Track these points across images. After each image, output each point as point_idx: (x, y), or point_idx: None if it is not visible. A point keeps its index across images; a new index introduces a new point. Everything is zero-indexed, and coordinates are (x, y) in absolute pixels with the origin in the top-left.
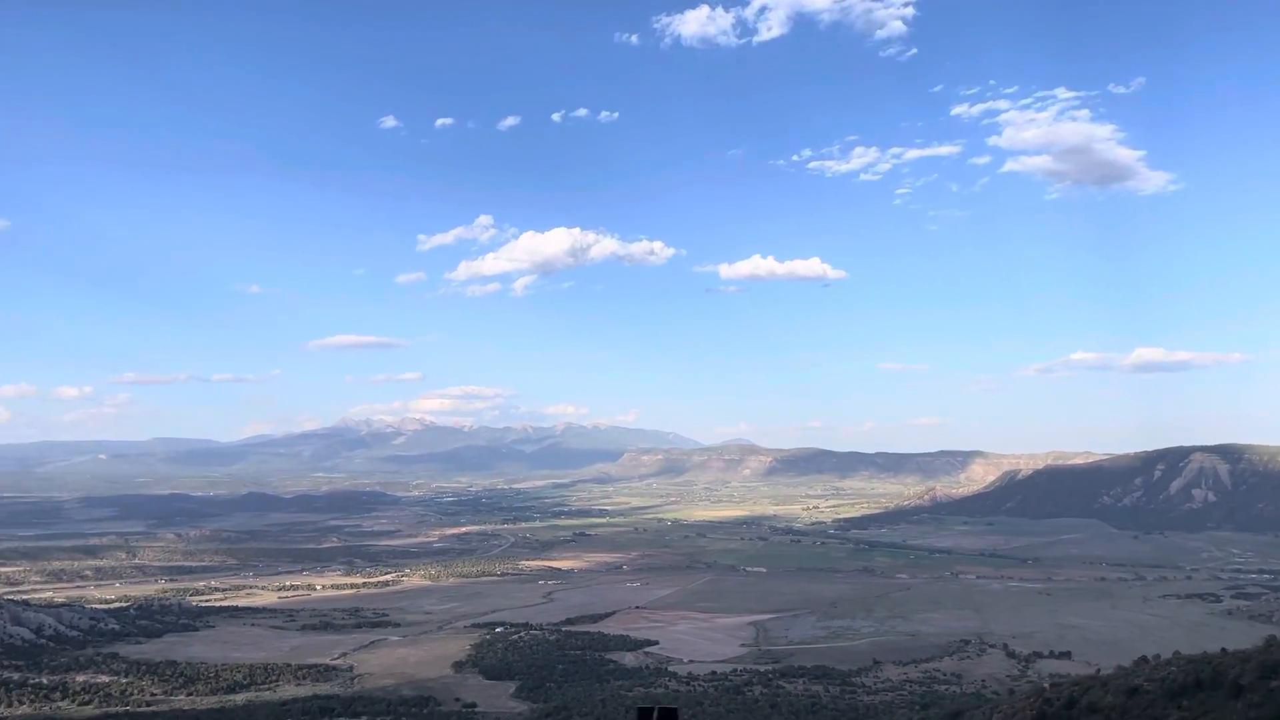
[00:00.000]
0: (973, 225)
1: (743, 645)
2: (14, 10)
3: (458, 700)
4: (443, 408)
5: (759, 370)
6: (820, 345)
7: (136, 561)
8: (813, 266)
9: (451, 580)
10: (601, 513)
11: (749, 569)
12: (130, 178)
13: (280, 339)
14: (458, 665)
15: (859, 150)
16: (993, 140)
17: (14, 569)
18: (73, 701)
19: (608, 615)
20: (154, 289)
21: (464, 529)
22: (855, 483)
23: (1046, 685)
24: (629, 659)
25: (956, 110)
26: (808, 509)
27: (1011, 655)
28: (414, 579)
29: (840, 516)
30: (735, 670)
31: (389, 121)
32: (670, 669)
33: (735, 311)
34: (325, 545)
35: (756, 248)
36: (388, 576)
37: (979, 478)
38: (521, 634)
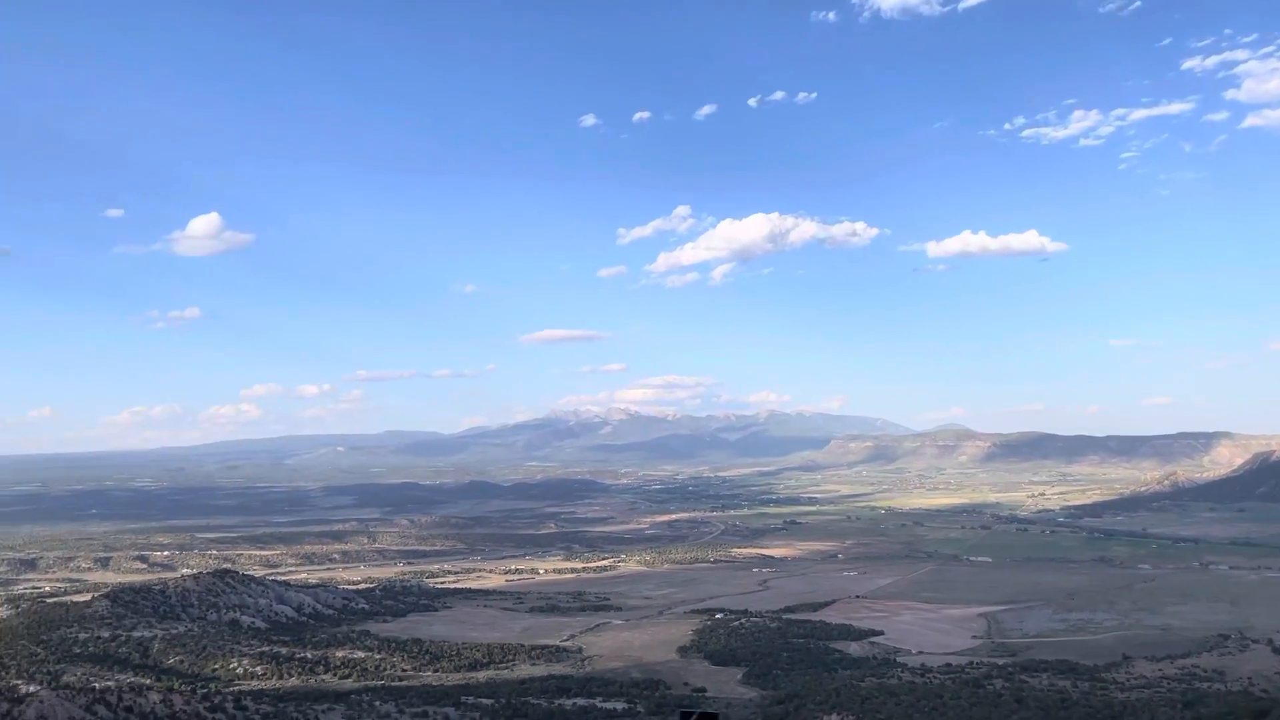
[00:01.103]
0: (1210, 187)
1: (974, 637)
2: (261, 28)
3: (686, 684)
4: (646, 397)
5: (972, 352)
6: (1039, 323)
7: (377, 546)
8: (1029, 240)
9: (666, 566)
10: (810, 500)
11: (973, 559)
12: (357, 189)
13: (494, 335)
14: (682, 650)
15: (1078, 114)
16: (1230, 94)
17: (272, 552)
18: (334, 675)
19: (827, 604)
20: (381, 292)
21: (673, 516)
22: (1083, 468)
23: None
24: (854, 648)
25: (1188, 64)
26: (1032, 496)
27: (1278, 651)
28: (630, 564)
29: (1069, 504)
30: (971, 663)
31: (589, 120)
32: (899, 659)
33: (945, 291)
34: (543, 531)
35: (966, 223)
36: (605, 561)
37: (1225, 460)
38: (742, 621)
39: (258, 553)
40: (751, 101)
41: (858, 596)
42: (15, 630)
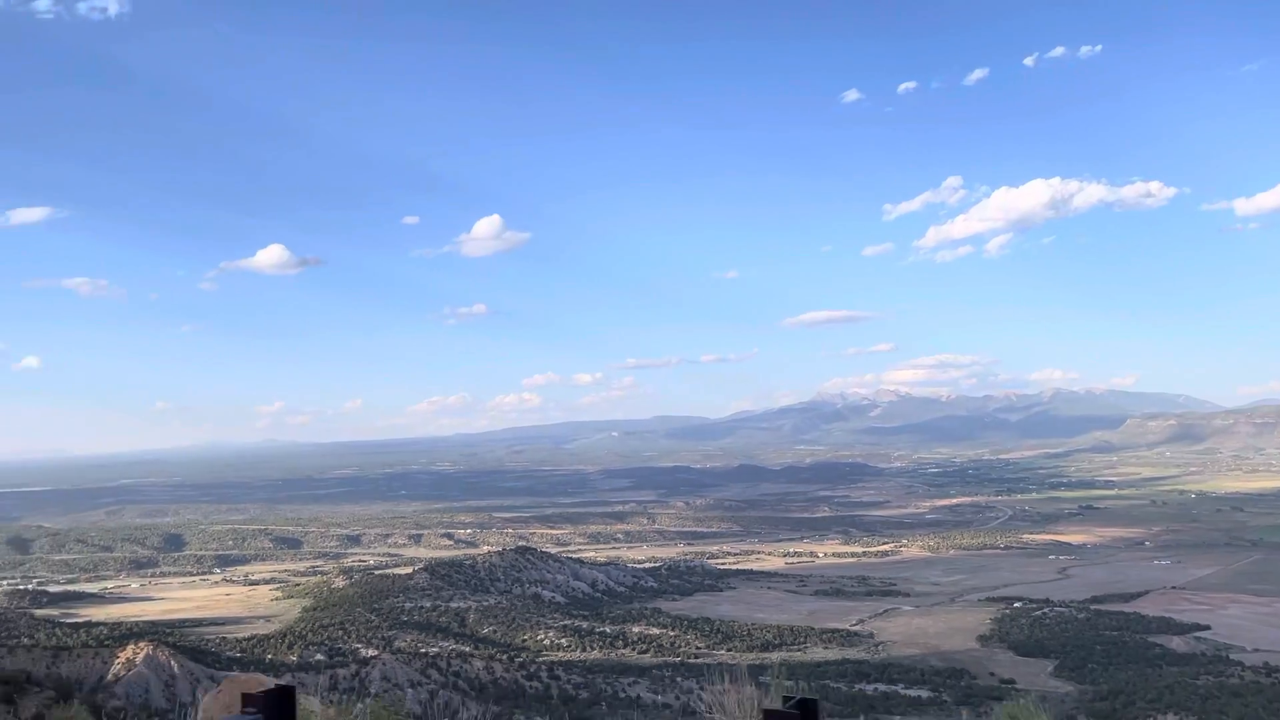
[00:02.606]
0: None
1: None
2: (531, 35)
3: (992, 675)
4: (916, 378)
5: None
6: None
7: (656, 527)
8: None
9: (952, 552)
10: (1107, 484)
11: None
12: (621, 185)
13: (757, 319)
14: (982, 639)
15: None
16: None
17: (561, 531)
18: (633, 649)
19: (1139, 595)
20: (647, 282)
21: (954, 500)
22: None
23: None
24: (1177, 643)
25: None
26: None
27: None
28: (912, 549)
29: None
30: None
31: (851, 95)
32: (1231, 656)
33: (1258, 252)
34: (818, 515)
35: None
36: (885, 546)
37: None
38: (1044, 610)
39: (548, 531)
40: (1027, 61)
41: (1174, 587)
42: (352, 599)
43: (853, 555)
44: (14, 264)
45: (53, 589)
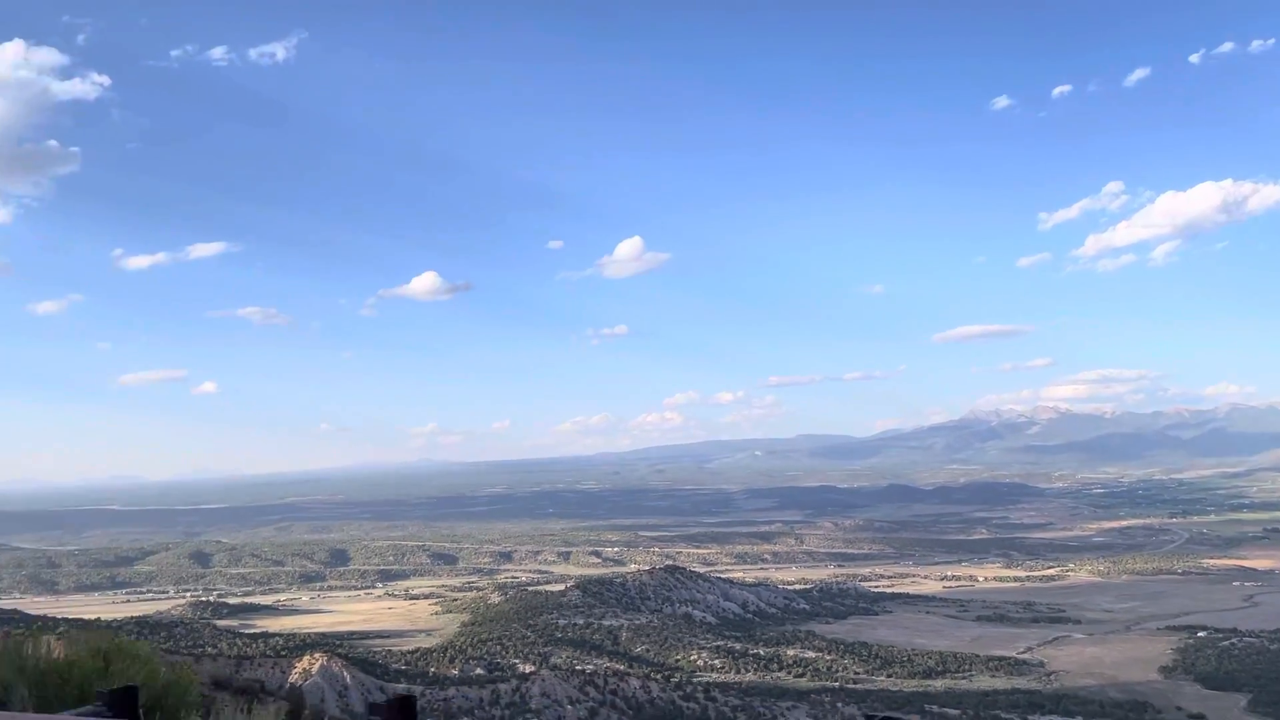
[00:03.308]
0: None
1: None
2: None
3: (1179, 709)
4: (1076, 394)
5: None
6: None
7: (804, 548)
8: None
9: (1124, 577)
10: None
11: None
12: (760, 202)
13: (905, 335)
14: (1165, 670)
15: None
16: None
17: (707, 551)
18: (788, 673)
19: None
20: (789, 299)
21: (1123, 522)
22: None
23: None
24: None
25: None
26: None
27: None
28: (1080, 574)
29: None
30: None
31: (1001, 102)
32: None
33: None
34: (975, 537)
35: None
36: (1050, 570)
37: None
38: (1232, 640)
39: (694, 551)
40: (1193, 58)
41: None
42: (508, 615)
43: (1015, 579)
44: (195, 296)
45: (231, 601)
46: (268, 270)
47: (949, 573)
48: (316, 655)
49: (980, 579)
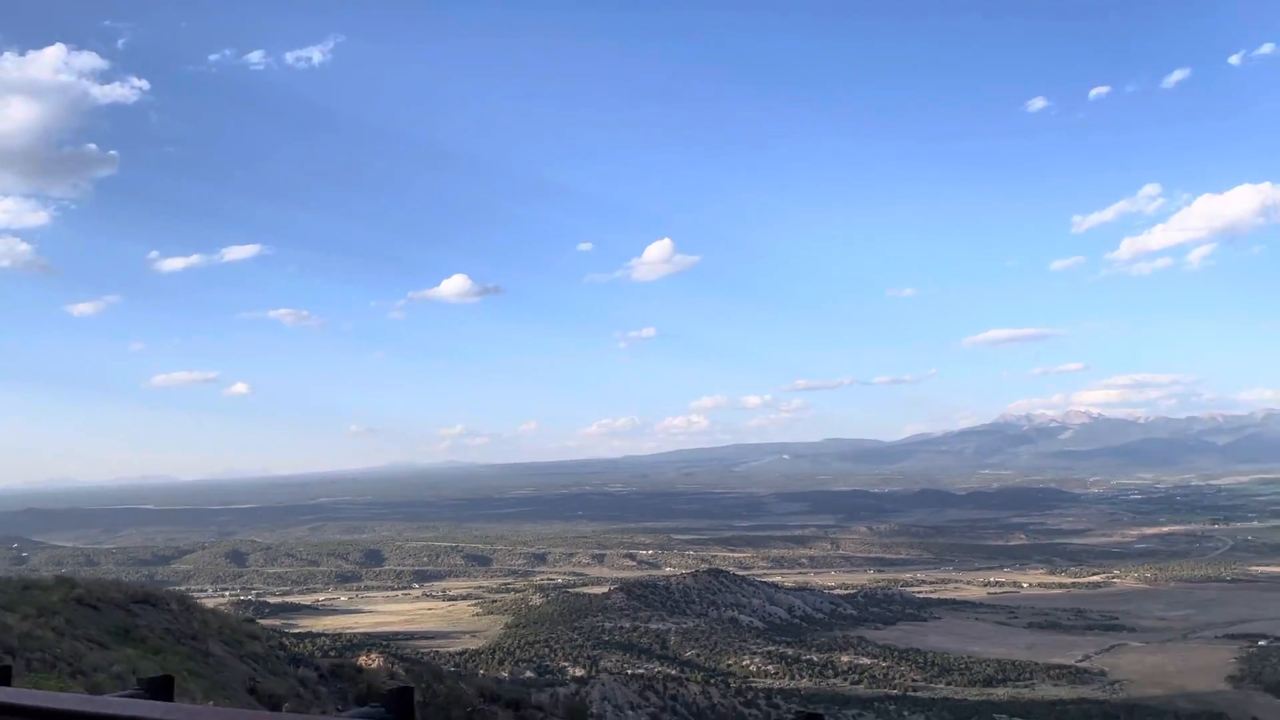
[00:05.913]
0: None
1: None
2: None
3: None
4: (1109, 399)
5: None
6: None
7: (841, 552)
8: None
9: (1172, 584)
10: None
11: None
12: (792, 204)
13: (935, 338)
14: (1233, 679)
15: None
16: None
17: (743, 554)
18: (844, 680)
19: None
20: (817, 302)
21: (1164, 529)
22: None
23: None
24: None
25: None
26: None
27: None
28: (1126, 580)
29: None
30: None
31: (1037, 104)
32: None
33: None
34: (1014, 542)
35: None
36: (1095, 577)
37: None
38: None
39: (729, 554)
40: (1233, 59)
41: None
42: (552, 617)
43: (1060, 586)
44: (228, 297)
45: (271, 600)
46: (300, 272)
47: (992, 578)
48: (373, 655)
49: (1025, 585)
